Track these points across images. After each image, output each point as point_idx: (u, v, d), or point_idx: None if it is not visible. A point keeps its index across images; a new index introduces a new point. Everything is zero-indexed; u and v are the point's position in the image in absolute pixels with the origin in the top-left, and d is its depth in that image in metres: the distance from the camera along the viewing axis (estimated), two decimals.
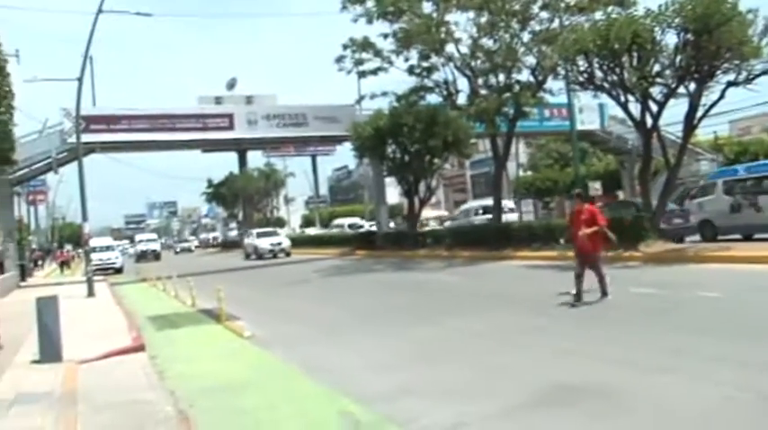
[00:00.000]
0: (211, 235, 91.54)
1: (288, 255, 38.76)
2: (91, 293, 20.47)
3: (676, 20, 17.24)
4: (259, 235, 41.82)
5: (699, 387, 6.11)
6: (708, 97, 18.53)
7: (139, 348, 10.41)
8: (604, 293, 11.33)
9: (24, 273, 33.02)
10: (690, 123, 19.22)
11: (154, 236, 73.80)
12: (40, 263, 48.83)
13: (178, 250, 75.05)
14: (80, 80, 22.55)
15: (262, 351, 9.94)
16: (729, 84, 17.93)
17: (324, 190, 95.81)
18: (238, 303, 14.96)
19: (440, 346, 9.15)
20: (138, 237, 70.79)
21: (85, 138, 26.56)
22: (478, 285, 16.82)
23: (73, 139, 25.87)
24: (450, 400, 6.45)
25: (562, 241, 13.36)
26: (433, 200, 43.12)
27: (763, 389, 5.85)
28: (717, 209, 19.99)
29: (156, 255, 59.11)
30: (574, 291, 11.49)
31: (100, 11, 20.99)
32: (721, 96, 18.29)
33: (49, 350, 9.40)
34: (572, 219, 12.10)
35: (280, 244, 39.91)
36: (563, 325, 9.86)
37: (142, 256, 57.97)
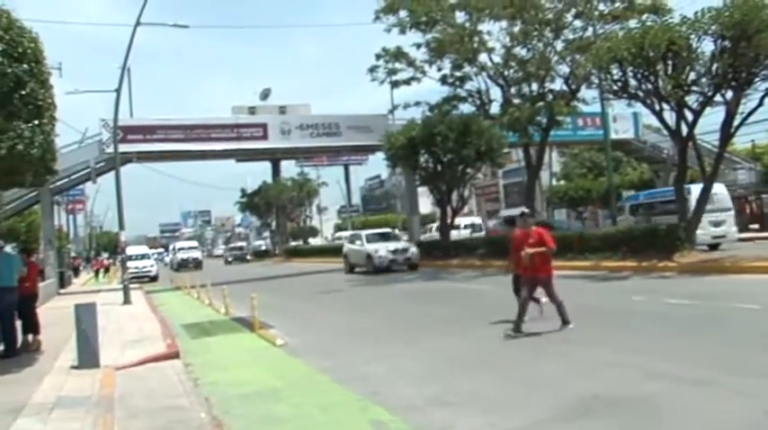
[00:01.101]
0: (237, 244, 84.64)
1: (414, 267, 28.08)
2: (127, 301, 20.79)
3: (713, 27, 17.00)
4: (371, 238, 30.28)
5: (736, 400, 6.00)
6: (745, 105, 18.27)
7: (174, 355, 10.55)
8: (565, 322, 10.09)
9: (63, 281, 33.66)
10: (727, 132, 18.93)
11: (195, 243, 69.25)
12: (81, 268, 49.25)
13: (230, 259, 64.00)
14: (118, 91, 23.03)
15: (294, 359, 10.01)
16: None
17: (356, 199, 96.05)
18: (271, 311, 15.07)
19: (472, 356, 9.12)
20: (177, 245, 66.10)
21: (123, 148, 27.07)
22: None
23: (111, 150, 26.36)
24: (482, 411, 6.43)
25: (507, 270, 11.92)
26: (466, 209, 42.89)
27: None
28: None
29: (196, 264, 55.15)
30: (521, 317, 10.39)
31: (138, 23, 21.42)
32: (760, 104, 17.99)
33: (88, 356, 9.58)
34: (515, 245, 10.70)
35: (405, 250, 28.49)
36: (597, 335, 9.76)
37: (182, 265, 53.78)
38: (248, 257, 65.05)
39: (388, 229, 35.66)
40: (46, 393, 8.01)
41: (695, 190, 24.05)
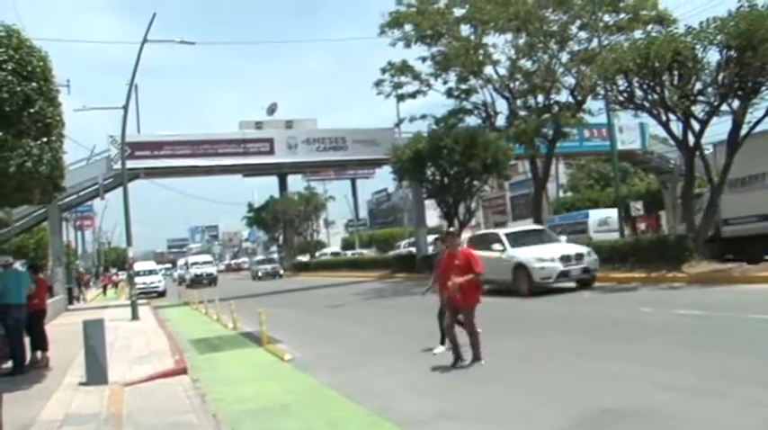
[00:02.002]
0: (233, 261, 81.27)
1: (589, 283, 18.78)
2: (135, 316, 20.82)
3: (718, 37, 16.99)
4: (517, 239, 20.12)
5: (747, 411, 5.94)
6: (752, 114, 18.19)
7: (182, 371, 10.55)
8: (476, 358, 9.14)
9: (72, 297, 33.74)
10: (734, 142, 18.85)
11: (209, 257, 63.43)
12: (91, 284, 48.69)
13: (260, 274, 52.99)
14: (126, 108, 23.21)
15: (302, 374, 9.99)
16: None
17: (363, 213, 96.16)
18: (279, 326, 15.06)
19: (480, 369, 9.07)
20: (190, 259, 59.75)
21: (130, 164, 27.23)
22: (518, 306, 16.65)
23: (118, 166, 26.50)
24: (489, 425, 6.40)
25: (425, 292, 10.81)
26: (473, 222, 42.88)
27: None
28: None
29: (211, 280, 50.92)
30: (445, 347, 9.92)
31: (145, 40, 21.60)
32: (766, 113, 17.94)
33: (96, 372, 9.59)
34: (441, 265, 9.77)
35: (580, 258, 18.57)
36: (606, 347, 9.70)
37: (196, 281, 49.40)
38: (281, 273, 53.61)
39: (536, 226, 24.77)
40: (54, 410, 8.02)
41: (594, 215, 32.71)
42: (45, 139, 10.02)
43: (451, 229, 10.77)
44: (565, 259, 18.22)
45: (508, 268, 18.77)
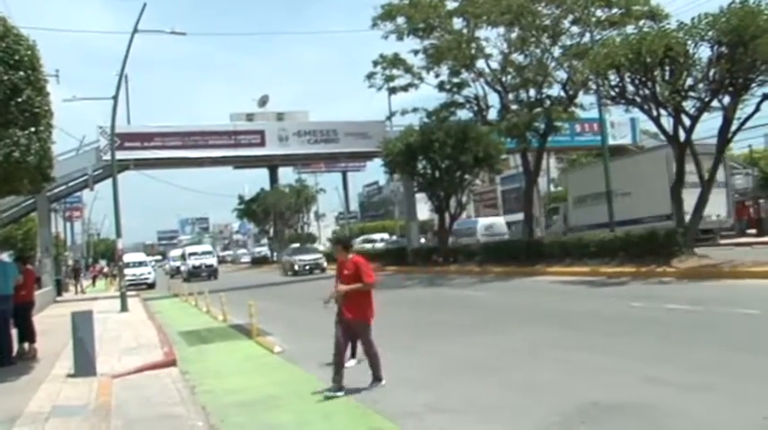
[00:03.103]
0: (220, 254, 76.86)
1: None
2: (124, 308, 20.73)
3: (710, 33, 17.02)
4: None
5: (736, 406, 5.96)
6: (742, 110, 18.27)
7: (171, 363, 10.51)
8: (377, 378, 8.03)
9: (60, 288, 33.58)
10: (724, 137, 18.93)
11: (208, 247, 56.33)
12: (81, 275, 47.25)
13: (297, 268, 39.81)
14: (115, 99, 23.05)
15: (293, 366, 9.96)
16: (765, 96, 17.64)
17: (354, 206, 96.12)
18: (269, 318, 15.02)
19: (471, 363, 9.08)
20: (188, 250, 52.87)
21: (120, 155, 27.07)
22: (510, 301, 16.69)
23: (108, 157, 26.34)
24: (480, 418, 6.40)
25: (327, 302, 8.83)
26: (464, 215, 42.94)
27: None
28: None
29: (211, 273, 46.24)
30: (356, 360, 9.10)
31: (136, 30, 21.44)
32: (757, 109, 18.01)
33: (84, 364, 9.53)
34: (338, 273, 8.54)
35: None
36: (597, 341, 9.72)
37: (194, 274, 45.04)
38: (325, 265, 39.47)
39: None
40: (41, 402, 7.96)
41: (481, 221, 39.74)
42: (33, 129, 9.93)
43: (340, 236, 9.49)
44: None
45: None
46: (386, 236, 59.50)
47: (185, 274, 46.48)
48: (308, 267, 39.37)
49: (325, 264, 39.18)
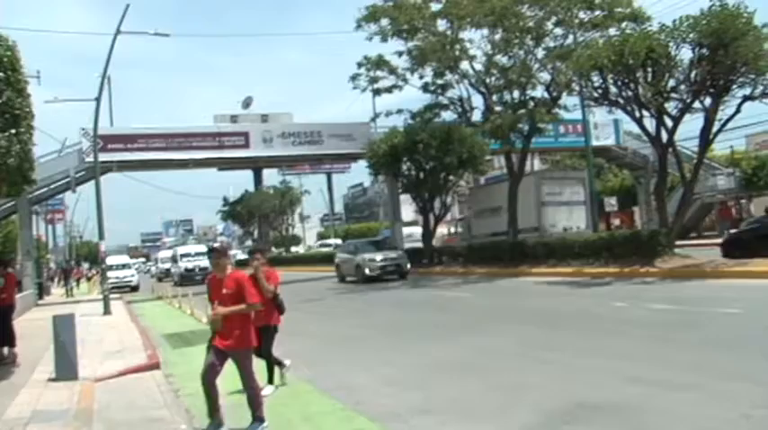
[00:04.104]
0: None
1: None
2: (107, 311, 20.57)
3: (691, 35, 17.19)
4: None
5: (717, 404, 6.01)
6: (723, 112, 18.45)
7: (155, 366, 10.42)
8: (258, 419, 6.64)
9: (42, 292, 33.24)
10: (706, 138, 19.10)
11: (202, 248, 48.01)
12: (69, 278, 45.10)
13: (370, 271, 27.23)
14: (98, 100, 22.85)
15: (277, 368, 9.90)
16: (745, 98, 17.83)
17: (339, 207, 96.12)
18: None
19: (456, 364, 9.08)
20: (180, 250, 47.60)
21: (103, 157, 26.84)
22: (495, 302, 16.73)
23: (91, 159, 26.12)
24: (464, 419, 6.40)
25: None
26: (449, 217, 43.03)
27: None
28: None
29: (205, 275, 36.52)
30: (274, 386, 8.35)
31: (119, 31, 21.28)
32: (737, 111, 18.18)
33: (66, 368, 9.43)
34: (212, 292, 6.92)
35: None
36: (581, 341, 9.76)
37: (187, 278, 40.12)
38: (408, 267, 28.08)
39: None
40: (21, 407, 7.87)
41: (404, 231, 41.06)
42: (13, 131, 9.84)
43: (216, 245, 8.19)
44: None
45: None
46: (339, 241, 62.05)
47: (177, 278, 42.12)
48: (390, 268, 27.10)
49: (408, 266, 27.98)
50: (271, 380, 8.37)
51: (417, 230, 43.89)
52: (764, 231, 17.93)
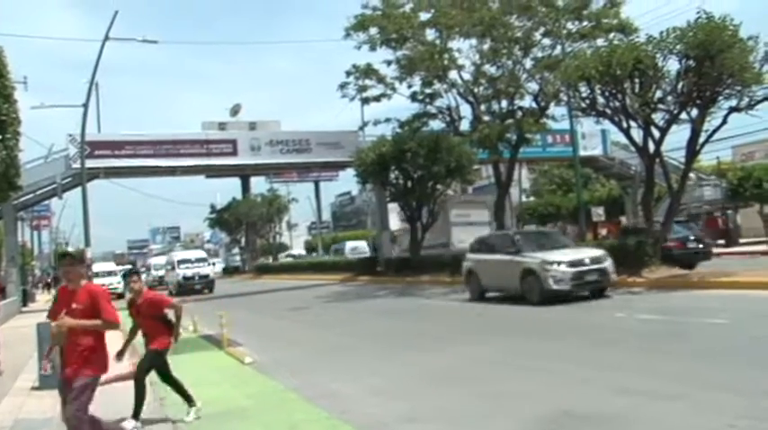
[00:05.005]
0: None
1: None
2: None
3: (678, 46, 17.32)
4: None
5: (703, 415, 6.01)
6: (710, 123, 18.55)
7: None
8: None
9: (26, 299, 32.97)
10: (692, 149, 19.22)
11: (202, 253, 44.55)
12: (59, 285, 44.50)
13: (556, 284, 15.75)
14: (85, 106, 22.81)
15: (263, 377, 9.86)
16: (731, 109, 17.95)
17: (326, 216, 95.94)
18: (240, 328, 14.87)
19: (443, 373, 9.07)
20: (176, 256, 43.51)
21: (90, 163, 26.77)
22: (482, 311, 16.71)
23: (77, 165, 26.01)
24: (450, 427, 6.40)
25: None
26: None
27: (765, 416, 5.78)
28: None
29: (205, 284, 38.06)
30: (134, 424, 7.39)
31: (107, 38, 21.25)
32: (723, 122, 18.31)
33: (49, 376, 9.33)
34: (57, 305, 5.90)
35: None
36: (569, 351, 9.77)
37: (185, 287, 36.62)
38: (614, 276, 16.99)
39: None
40: (3, 416, 7.79)
41: (349, 244, 51.01)
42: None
43: (71, 250, 6.48)
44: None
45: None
46: (303, 251, 70.83)
47: (174, 287, 37.99)
48: (591, 279, 16.33)
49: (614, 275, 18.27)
50: (136, 415, 7.30)
51: (362, 244, 53.38)
52: None
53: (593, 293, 16.18)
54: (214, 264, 54.18)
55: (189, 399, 7.70)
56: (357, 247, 51.63)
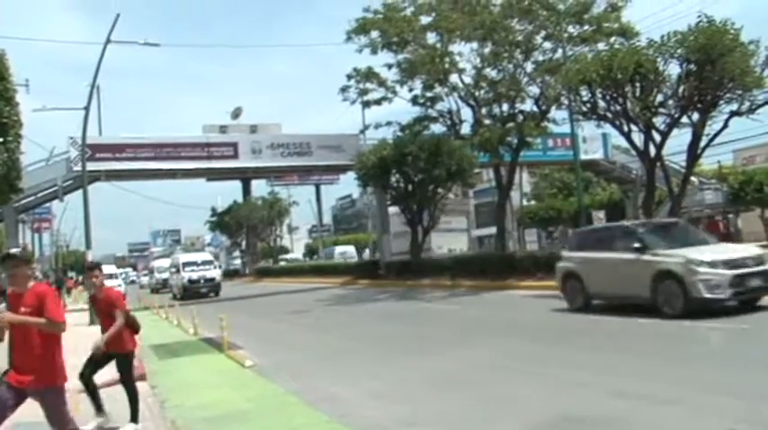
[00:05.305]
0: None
1: None
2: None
3: (679, 50, 17.34)
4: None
5: (702, 419, 6.02)
6: (711, 127, 18.59)
7: (141, 377, 10.30)
8: None
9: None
10: (693, 153, 19.24)
11: (208, 256, 43.43)
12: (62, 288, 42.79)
13: (704, 291, 12.12)
14: (87, 109, 22.80)
15: (263, 380, 9.86)
16: (732, 113, 17.98)
17: (327, 219, 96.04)
18: (240, 331, 14.87)
19: (443, 377, 9.07)
20: (181, 258, 41.41)
21: (91, 166, 26.77)
22: (482, 315, 16.73)
23: (78, 168, 26.02)
24: None
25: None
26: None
27: (764, 420, 5.79)
28: None
29: (212, 288, 36.85)
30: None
31: (108, 41, 21.26)
32: (724, 126, 18.34)
33: None
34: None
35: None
36: (568, 355, 9.77)
37: (190, 290, 35.74)
38: None
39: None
40: None
41: (338, 249, 55.11)
42: (1, 140, 9.81)
43: (14, 250, 6.79)
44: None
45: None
46: (299, 256, 74.55)
47: (179, 290, 36.95)
48: (755, 285, 12.50)
49: None
50: (134, 418, 7.22)
51: (350, 248, 55.95)
52: None
53: (743, 303, 12.53)
54: (221, 266, 52.65)
55: (99, 408, 7.45)
56: (346, 252, 54.12)
